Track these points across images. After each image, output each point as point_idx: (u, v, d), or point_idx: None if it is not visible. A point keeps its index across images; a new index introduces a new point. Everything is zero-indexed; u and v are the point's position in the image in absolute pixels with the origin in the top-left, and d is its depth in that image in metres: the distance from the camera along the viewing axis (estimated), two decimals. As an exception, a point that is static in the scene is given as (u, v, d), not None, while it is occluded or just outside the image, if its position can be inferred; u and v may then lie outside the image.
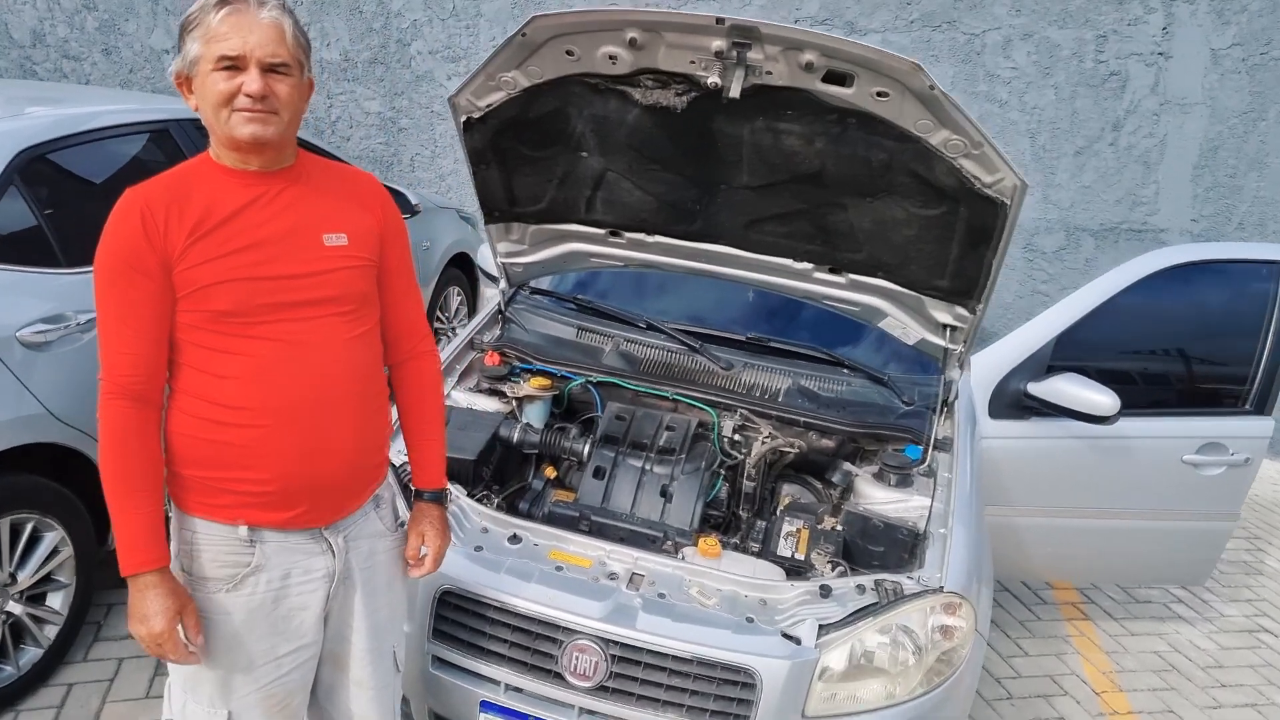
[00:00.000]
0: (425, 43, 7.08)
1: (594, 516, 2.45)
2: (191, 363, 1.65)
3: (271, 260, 1.64)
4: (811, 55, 2.08)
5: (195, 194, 1.63)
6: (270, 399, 1.65)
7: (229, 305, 1.61)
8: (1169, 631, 3.91)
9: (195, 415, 1.66)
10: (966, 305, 2.59)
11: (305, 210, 1.71)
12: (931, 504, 2.51)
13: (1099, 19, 6.08)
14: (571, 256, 2.99)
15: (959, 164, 2.22)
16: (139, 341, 1.59)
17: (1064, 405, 2.94)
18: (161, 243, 1.57)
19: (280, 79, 1.61)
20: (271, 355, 1.65)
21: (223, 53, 1.56)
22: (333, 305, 1.71)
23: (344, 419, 1.74)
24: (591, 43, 2.23)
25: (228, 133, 1.60)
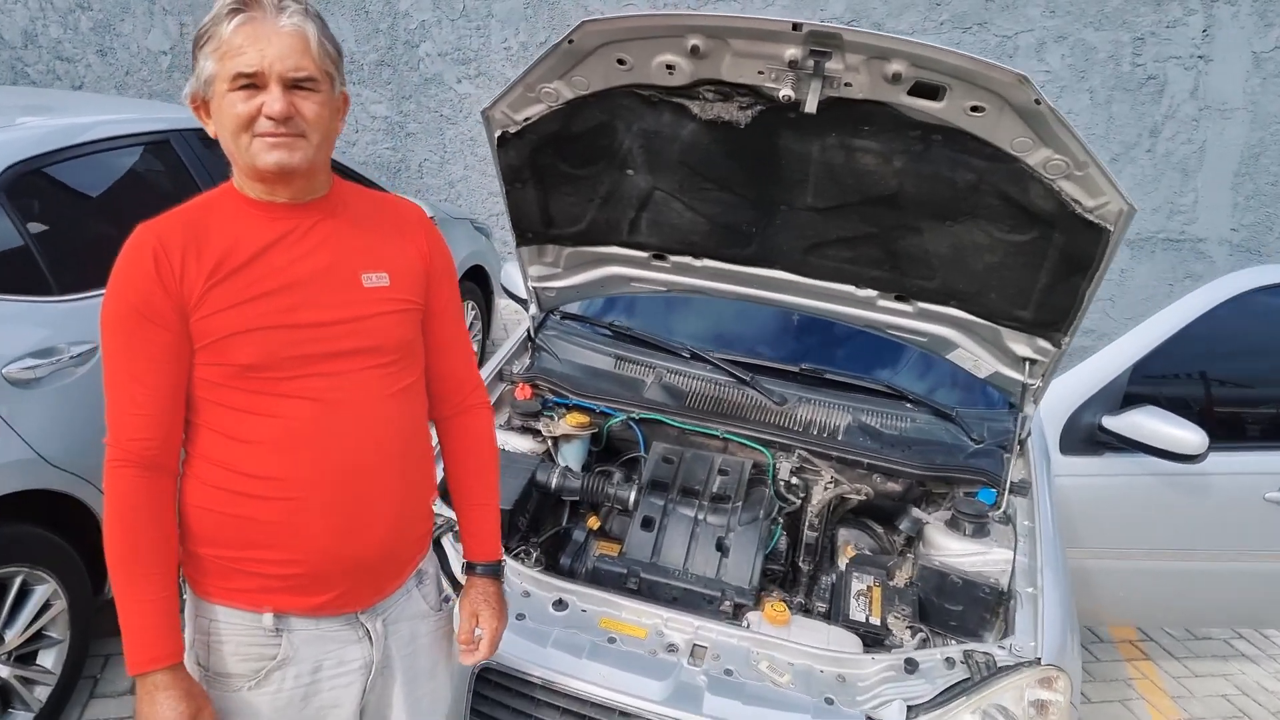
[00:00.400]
0: (434, 44, 6.84)
1: (644, 574, 2.21)
2: (210, 424, 1.44)
3: (302, 305, 1.43)
4: (900, 65, 1.85)
5: (215, 230, 1.41)
6: (300, 467, 1.44)
7: (253, 358, 1.39)
8: (1234, 672, 3.68)
9: (214, 485, 1.45)
10: (1051, 338, 2.36)
11: (341, 246, 1.49)
12: (1014, 557, 2.28)
13: (1137, 21, 5.86)
14: (610, 281, 2.75)
15: (1058, 186, 1.98)
16: (151, 400, 1.38)
17: (1145, 442, 2.70)
18: (177, 287, 1.36)
19: (306, 96, 1.39)
20: (302, 416, 1.44)
21: (238, 69, 1.34)
22: (372, 356, 1.49)
23: (385, 488, 1.52)
24: (647, 50, 2.00)
25: (249, 161, 1.39)
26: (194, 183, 3.14)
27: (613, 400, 2.64)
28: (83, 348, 2.58)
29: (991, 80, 1.80)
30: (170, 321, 1.37)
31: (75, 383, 2.56)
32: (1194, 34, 5.84)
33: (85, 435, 2.54)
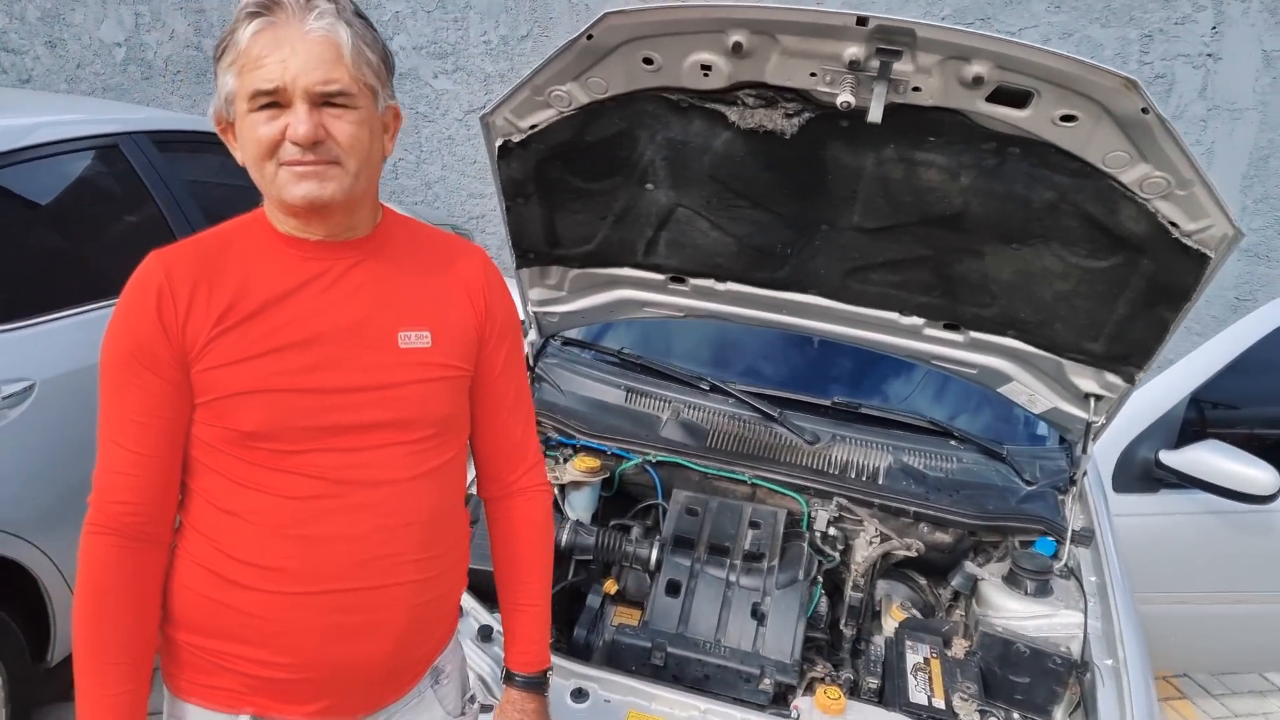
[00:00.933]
0: (409, 37, 6.49)
1: (671, 648, 1.93)
2: (204, 492, 1.22)
3: (323, 365, 1.20)
4: (982, 67, 1.57)
5: (235, 266, 1.19)
6: (296, 556, 1.21)
7: (258, 424, 1.16)
8: (1273, 710, 3.47)
9: (200, 563, 1.22)
10: (1123, 372, 2.10)
11: (379, 296, 1.26)
12: (1085, 620, 2.02)
13: (1144, 17, 5.64)
14: (620, 305, 2.46)
15: (1154, 206, 1.72)
16: (139, 461, 1.17)
17: (1210, 481, 2.46)
18: (179, 331, 1.14)
19: (340, 114, 1.15)
20: (306, 496, 1.20)
21: (256, 86, 1.11)
22: (401, 430, 1.25)
23: (398, 588, 1.28)
24: (681, 48, 1.71)
25: (277, 194, 1.16)
26: (147, 193, 2.81)
27: (626, 440, 2.36)
28: (16, 386, 2.25)
29: (1092, 85, 1.53)
30: (169, 371, 1.15)
31: (7, 428, 2.22)
32: (1203, 31, 5.64)
33: (21, 488, 2.22)
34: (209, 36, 6.60)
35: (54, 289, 2.47)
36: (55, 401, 2.31)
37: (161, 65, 6.72)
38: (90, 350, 2.38)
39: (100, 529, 1.18)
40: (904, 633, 2.04)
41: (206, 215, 3.03)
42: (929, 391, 2.68)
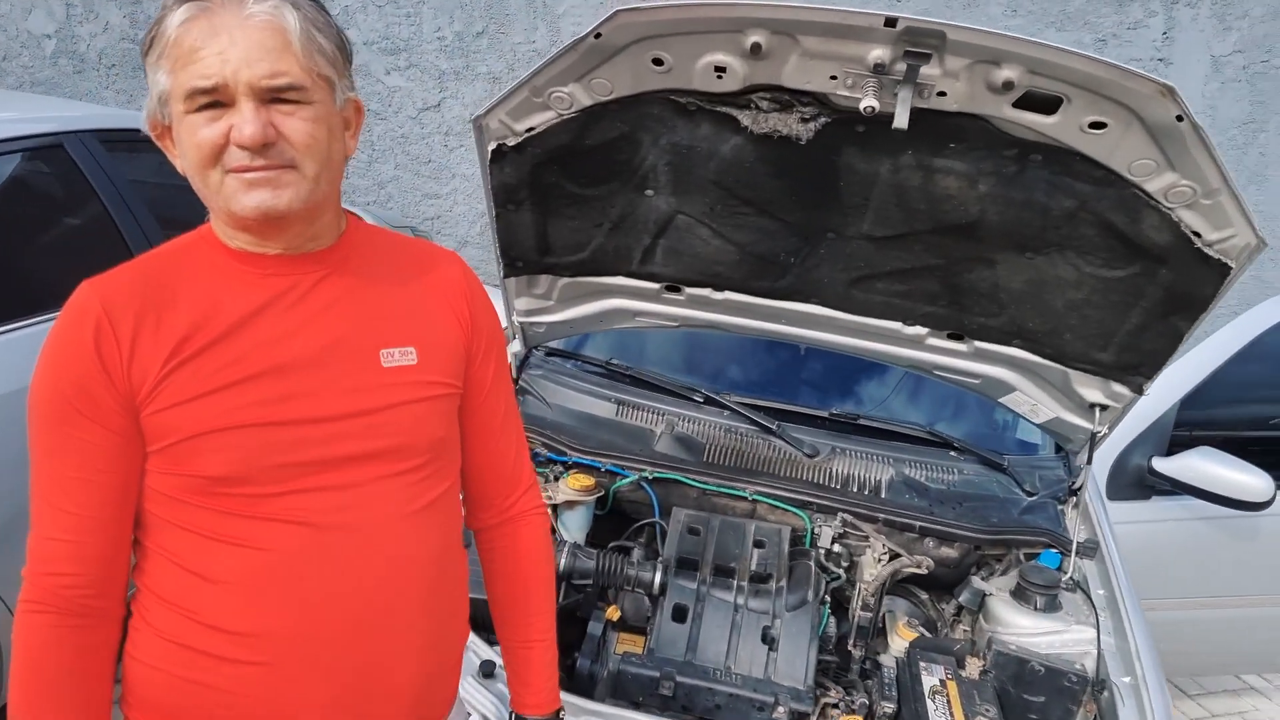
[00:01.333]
0: (359, 32, 6.28)
1: (680, 677, 1.84)
2: (166, 550, 1.06)
3: (297, 394, 1.05)
4: (1013, 71, 1.51)
5: (185, 291, 1.04)
6: (283, 619, 1.06)
7: (226, 467, 1.01)
8: (1248, 709, 3.51)
9: (167, 636, 1.06)
10: (1131, 382, 2.07)
11: (354, 312, 1.11)
12: (1098, 635, 1.98)
13: (1099, 22, 5.71)
14: (611, 315, 2.36)
15: (1178, 216, 1.68)
16: (80, 524, 1.01)
17: (1204, 488, 2.45)
18: (124, 371, 0.99)
19: (292, 111, 1.00)
20: (289, 547, 1.06)
21: (194, 84, 0.96)
22: (392, 461, 1.11)
23: (404, 645, 1.14)
24: (694, 48, 1.62)
25: (224, 205, 1.01)
26: (96, 197, 2.63)
27: (620, 456, 2.25)
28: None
29: (1126, 91, 1.48)
30: (113, 418, 1.00)
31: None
32: (1155, 36, 5.73)
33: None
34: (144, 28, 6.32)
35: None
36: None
37: (95, 58, 6.41)
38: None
39: (37, 606, 1.02)
40: (916, 653, 1.98)
41: (159, 220, 2.85)
42: (923, 402, 2.63)
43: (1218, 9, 5.64)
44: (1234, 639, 2.90)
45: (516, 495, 1.34)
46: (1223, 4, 5.63)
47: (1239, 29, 5.67)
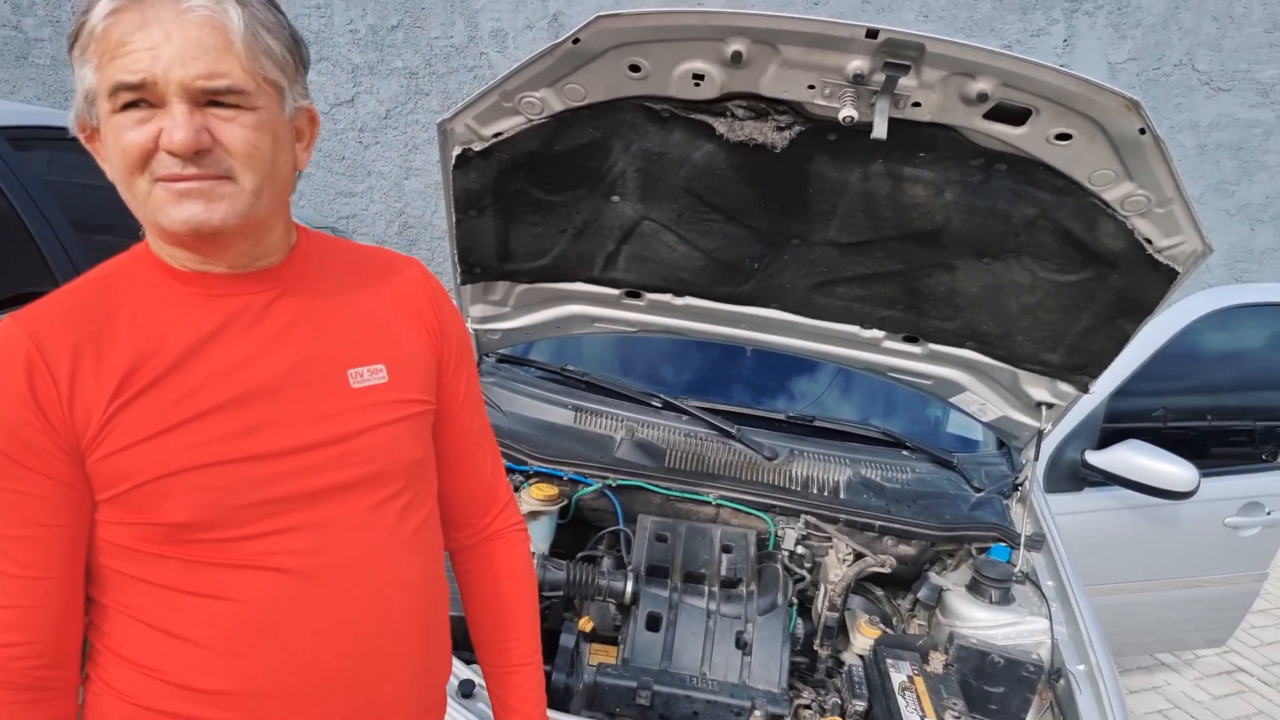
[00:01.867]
0: (265, 25, 6.05)
1: (657, 685, 1.83)
2: (126, 608, 0.96)
3: (263, 425, 0.96)
4: (988, 84, 1.55)
5: (125, 319, 0.94)
6: (268, 673, 0.98)
7: (190, 513, 0.92)
8: (1161, 684, 3.70)
9: (133, 700, 0.97)
10: (1076, 381, 2.15)
11: (316, 331, 1.03)
12: (1051, 626, 2.06)
13: (1004, 28, 5.94)
14: (568, 321, 2.33)
15: (1132, 224, 1.76)
16: (33, 586, 0.91)
17: (1134, 479, 2.58)
18: (64, 414, 0.89)
19: (232, 116, 0.91)
20: (264, 594, 0.97)
21: (119, 79, 0.87)
22: (371, 489, 1.03)
23: (401, 680, 1.08)
24: (672, 56, 1.61)
25: (153, 219, 0.91)
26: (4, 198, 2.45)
27: (581, 464, 2.23)
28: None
29: (1093, 105, 1.54)
30: (55, 467, 0.89)
31: None
32: (1056, 43, 5.99)
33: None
34: (29, 15, 5.96)
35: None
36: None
37: (-26, 47, 6.01)
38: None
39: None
40: (883, 650, 2.02)
41: (75, 224, 2.68)
42: (870, 401, 2.69)
43: (1113, 18, 5.93)
44: (1150, 621, 3.05)
45: (495, 513, 1.28)
46: (1118, 13, 5.93)
47: (1133, 37, 5.97)
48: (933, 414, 2.71)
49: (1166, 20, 5.96)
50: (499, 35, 6.18)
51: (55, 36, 5.77)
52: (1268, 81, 6.25)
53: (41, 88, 5.90)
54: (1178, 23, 6.02)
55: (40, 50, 5.80)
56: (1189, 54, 6.11)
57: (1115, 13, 5.92)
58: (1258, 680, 3.77)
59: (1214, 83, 6.23)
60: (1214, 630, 3.21)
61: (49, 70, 5.85)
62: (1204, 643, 3.33)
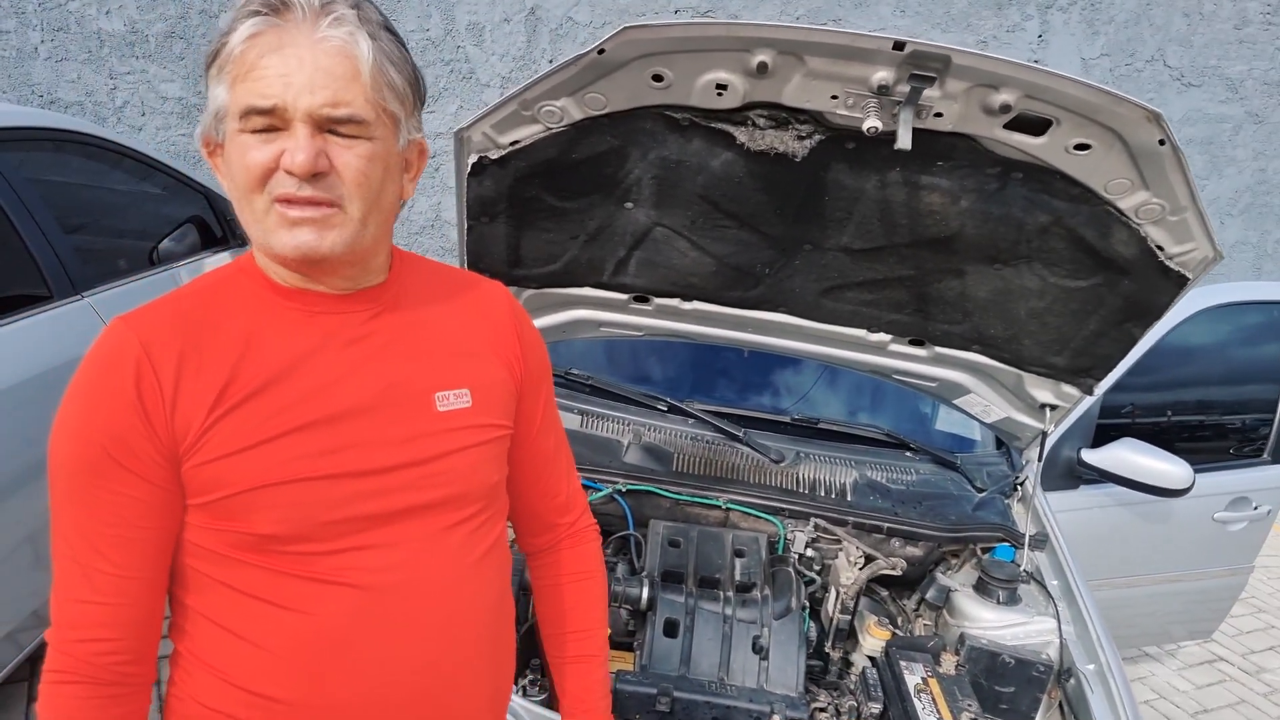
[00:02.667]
0: (234, 17, 5.94)
1: (677, 692, 1.84)
2: (207, 611, 0.99)
3: (352, 444, 0.98)
4: (1011, 95, 1.56)
5: (226, 330, 0.96)
6: (345, 685, 1.00)
7: (278, 524, 0.95)
8: (1145, 674, 3.78)
9: (208, 704, 0.99)
10: (1081, 384, 2.19)
11: (407, 353, 1.05)
12: (1059, 625, 2.09)
13: (980, 24, 5.98)
14: (575, 326, 2.32)
15: (1145, 231, 1.78)
16: (122, 584, 0.93)
17: (1130, 477, 2.62)
18: (167, 420, 0.91)
19: (350, 145, 0.93)
20: (346, 611, 0.99)
21: (251, 102, 0.89)
22: (450, 511, 1.06)
23: (472, 700, 1.10)
24: (697, 66, 1.60)
25: (264, 240, 0.94)
26: (-1, 207, 2.39)
27: (590, 469, 2.23)
28: None
29: (1115, 116, 1.55)
30: (155, 470, 0.92)
31: None
32: (1031, 39, 6.05)
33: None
34: None
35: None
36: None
37: (-64, 39, 5.83)
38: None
39: (68, 676, 0.94)
40: (896, 653, 2.04)
41: (64, 226, 2.62)
42: (871, 403, 2.71)
43: (1086, 14, 6.00)
44: (1139, 615, 3.11)
45: (571, 519, 1.33)
46: (1091, 9, 6.00)
47: (1105, 33, 6.05)
48: (931, 415, 2.73)
49: (1138, 17, 6.05)
50: (475, 29, 6.11)
51: (20, 29, 5.61)
52: (1236, 77, 6.37)
53: (7, 81, 5.73)
54: (1149, 19, 6.12)
55: (5, 43, 5.63)
56: (1160, 50, 6.21)
57: (1088, 9, 6.00)
58: (1238, 669, 3.86)
59: (1184, 78, 6.34)
60: (1201, 623, 3.28)
61: (14, 63, 5.68)
62: (1190, 635, 3.40)
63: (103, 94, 5.97)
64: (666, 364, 2.70)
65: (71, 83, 5.82)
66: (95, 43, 5.81)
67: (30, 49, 5.67)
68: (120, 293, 2.77)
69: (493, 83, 6.27)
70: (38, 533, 2.36)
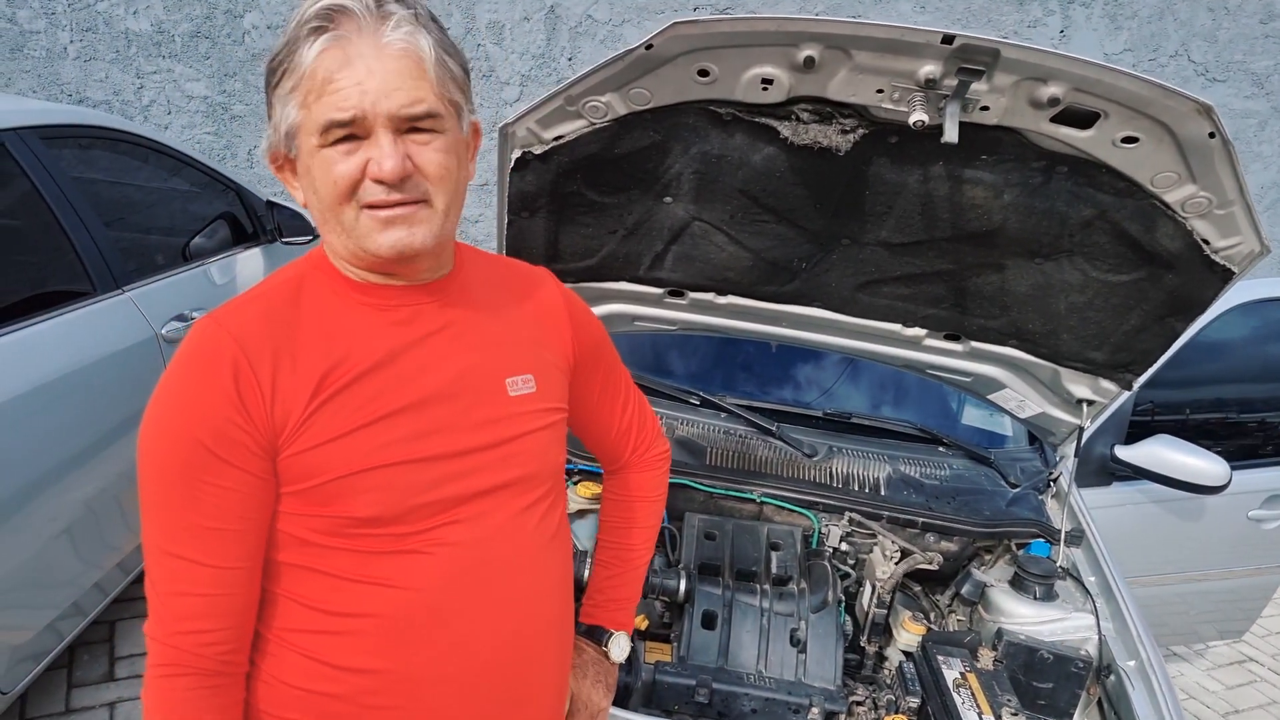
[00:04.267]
0: (261, 14, 5.98)
1: (716, 683, 1.85)
2: (295, 594, 1.02)
3: (435, 429, 1.03)
4: (1059, 88, 1.56)
5: (310, 324, 1.00)
6: (437, 657, 1.04)
7: (375, 507, 0.98)
8: (1175, 674, 3.76)
9: (297, 684, 1.03)
10: (1120, 379, 2.18)
11: (478, 341, 1.10)
12: (1098, 621, 2.09)
13: (1001, 19, 5.96)
14: (609, 319, 2.32)
15: (1191, 225, 1.77)
16: (223, 576, 0.96)
17: (1166, 474, 2.60)
18: (266, 414, 0.95)
19: (427, 140, 0.97)
20: (438, 583, 1.04)
21: (331, 117, 0.92)
22: (524, 491, 1.11)
23: (543, 675, 1.16)
24: (742, 61, 1.61)
25: (357, 244, 0.98)
26: (42, 202, 2.42)
27: (627, 463, 2.23)
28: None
29: (1165, 109, 1.55)
30: (253, 462, 0.95)
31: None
32: (1053, 34, 6.02)
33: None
34: (24, 7, 5.83)
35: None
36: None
37: (-35, 38, 5.88)
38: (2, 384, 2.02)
39: (175, 669, 0.96)
40: (933, 648, 2.04)
41: (104, 220, 2.65)
42: (899, 396, 2.70)
43: (1109, 9, 5.97)
44: (1170, 613, 3.10)
45: (646, 444, 1.49)
46: (1114, 4, 5.97)
47: (1129, 28, 6.02)
48: (963, 409, 2.73)
49: (1163, 11, 6.01)
50: (495, 27, 6.13)
51: (50, 29, 5.66)
52: (1262, 72, 6.32)
53: (36, 80, 5.78)
54: (1174, 14, 6.08)
55: (35, 43, 5.68)
56: (1184, 45, 6.17)
57: (1111, 4, 5.96)
58: (1268, 670, 3.84)
59: (1209, 73, 6.30)
60: (1232, 623, 3.26)
61: (44, 63, 5.73)
62: (1221, 635, 3.38)
63: (130, 93, 6.02)
64: (699, 358, 2.70)
65: (99, 82, 5.87)
66: (123, 42, 5.86)
67: (60, 49, 5.72)
68: (158, 287, 2.80)
69: (512, 81, 6.29)
70: (75, 525, 2.39)
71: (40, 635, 2.33)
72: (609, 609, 1.48)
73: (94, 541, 2.49)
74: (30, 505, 2.19)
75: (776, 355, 2.65)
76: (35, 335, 2.25)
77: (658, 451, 1.52)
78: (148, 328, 2.65)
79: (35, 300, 2.32)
